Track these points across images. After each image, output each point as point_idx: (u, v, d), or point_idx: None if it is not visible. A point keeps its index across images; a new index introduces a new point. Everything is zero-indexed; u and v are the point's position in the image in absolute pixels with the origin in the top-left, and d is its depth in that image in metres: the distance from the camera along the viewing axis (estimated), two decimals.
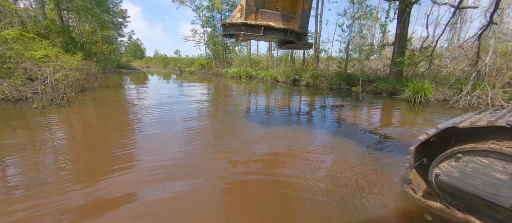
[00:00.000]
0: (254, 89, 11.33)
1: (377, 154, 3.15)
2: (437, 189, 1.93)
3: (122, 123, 4.56)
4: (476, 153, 1.61)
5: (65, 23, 23.83)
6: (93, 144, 3.39)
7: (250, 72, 17.72)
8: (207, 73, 23.62)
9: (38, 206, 1.91)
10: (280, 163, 2.86)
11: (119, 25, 38.48)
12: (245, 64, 19.61)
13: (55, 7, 21.38)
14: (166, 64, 37.54)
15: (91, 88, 9.75)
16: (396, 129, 4.52)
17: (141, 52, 61.77)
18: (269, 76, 15.56)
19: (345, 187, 2.31)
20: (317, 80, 12.24)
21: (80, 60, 12.81)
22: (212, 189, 2.26)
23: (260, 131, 4.16)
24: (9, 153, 2.97)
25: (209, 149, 3.34)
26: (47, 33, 17.88)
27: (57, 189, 2.17)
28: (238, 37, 3.13)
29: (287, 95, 9.50)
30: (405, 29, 9.09)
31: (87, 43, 26.49)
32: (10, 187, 2.22)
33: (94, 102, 6.51)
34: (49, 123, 4.36)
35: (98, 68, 16.06)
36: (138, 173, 2.52)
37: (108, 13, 31.73)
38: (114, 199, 2.04)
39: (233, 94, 9.81)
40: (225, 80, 16.55)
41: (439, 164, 1.84)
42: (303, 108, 6.58)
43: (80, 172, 2.53)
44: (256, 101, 7.83)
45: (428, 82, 7.13)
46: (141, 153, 3.06)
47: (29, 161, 2.79)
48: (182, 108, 6.01)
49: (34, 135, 3.69)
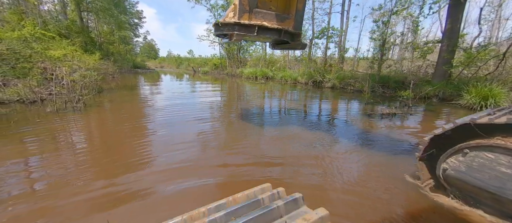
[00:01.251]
0: (276, 92, 10.47)
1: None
2: (444, 183, 1.97)
3: (138, 129, 3.96)
4: (482, 148, 1.66)
5: (85, 24, 24.46)
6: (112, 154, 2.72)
7: (267, 73, 16.88)
8: (221, 74, 23.10)
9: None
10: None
11: (135, 26, 39.27)
12: (261, 64, 18.80)
13: (76, 8, 21.89)
14: (179, 64, 37.74)
15: (108, 89, 9.39)
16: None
17: (155, 52, 63.01)
18: (288, 77, 14.62)
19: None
20: (343, 82, 11.14)
21: (97, 60, 12.68)
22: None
23: (315, 157, 3.29)
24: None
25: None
26: (68, 33, 18.19)
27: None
28: (231, 37, 3.02)
29: (314, 99, 8.54)
30: (458, 24, 7.80)
31: (105, 43, 27.01)
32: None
33: (110, 105, 6.00)
34: (62, 130, 3.80)
35: (115, 68, 15.99)
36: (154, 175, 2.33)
37: (125, 14, 32.34)
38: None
39: (252, 96, 9.02)
40: (240, 81, 15.85)
41: (447, 159, 1.89)
42: (344, 116, 5.60)
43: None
44: (284, 106, 6.97)
45: (497, 86, 5.87)
46: (156, 159, 2.84)
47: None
48: (196, 117, 5.30)
49: (28, 149, 3.09)
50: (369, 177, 2.48)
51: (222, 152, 3.14)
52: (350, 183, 2.33)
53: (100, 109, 5.39)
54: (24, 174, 2.43)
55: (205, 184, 2.28)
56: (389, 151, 3.21)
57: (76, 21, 22.00)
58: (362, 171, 2.65)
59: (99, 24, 28.34)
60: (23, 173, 2.46)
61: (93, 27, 27.98)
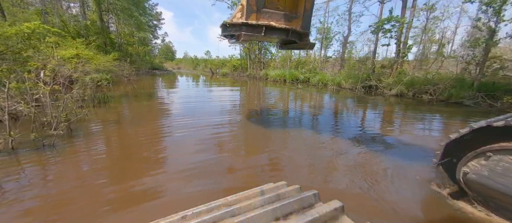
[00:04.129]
0: (325, 101, 8.05)
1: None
2: (465, 187, 1.90)
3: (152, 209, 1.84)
4: (507, 152, 1.58)
5: (105, 25, 24.11)
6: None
7: (297, 75, 14.47)
8: (242, 76, 21.14)
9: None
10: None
11: (154, 28, 39.34)
12: (290, 65, 16.41)
13: (97, 8, 21.41)
14: (196, 66, 36.91)
15: (119, 96, 7.65)
16: None
17: (172, 54, 63.93)
18: (328, 81, 12.06)
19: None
20: (414, 88, 8.37)
21: (112, 61, 11.27)
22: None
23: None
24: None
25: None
26: (86, 34, 17.42)
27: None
28: (239, 37, 2.99)
29: (398, 116, 5.99)
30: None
31: (124, 44, 26.56)
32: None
33: (110, 131, 3.93)
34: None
35: (132, 69, 14.65)
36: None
37: (145, 15, 32.09)
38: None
39: (302, 106, 6.68)
40: (265, 84, 13.62)
41: (468, 162, 1.82)
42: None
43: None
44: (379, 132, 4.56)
45: None
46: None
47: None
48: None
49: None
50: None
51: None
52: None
53: (89, 144, 3.15)
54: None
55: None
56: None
57: (96, 22, 21.49)
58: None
59: (119, 25, 28.15)
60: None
61: (114, 30, 27.82)
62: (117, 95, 7.68)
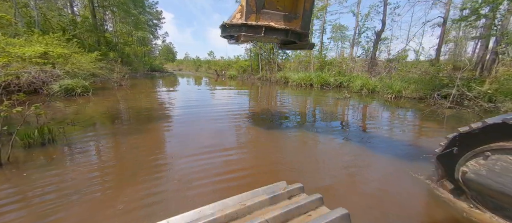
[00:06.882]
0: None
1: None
2: (463, 186, 1.89)
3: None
4: (505, 151, 1.57)
5: (100, 22, 21.67)
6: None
7: (328, 79, 11.88)
8: (252, 78, 18.60)
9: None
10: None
11: (154, 27, 37.00)
12: (315, 67, 13.80)
13: (88, 2, 18.93)
14: (198, 67, 34.57)
15: (87, 121, 4.98)
16: None
17: (172, 55, 62.22)
18: (379, 88, 9.40)
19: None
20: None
21: (95, 61, 8.67)
22: None
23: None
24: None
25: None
26: (73, 29, 14.85)
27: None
28: (238, 38, 3.06)
29: None
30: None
31: (121, 44, 24.04)
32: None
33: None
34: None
35: (125, 72, 12.01)
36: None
37: (144, 13, 29.72)
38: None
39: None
40: (283, 89, 11.03)
41: (467, 162, 1.81)
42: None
43: None
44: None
45: None
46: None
47: None
48: None
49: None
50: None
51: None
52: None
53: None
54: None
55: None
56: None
57: (89, 18, 19.00)
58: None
59: (116, 23, 25.72)
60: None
61: (112, 29, 25.39)
62: (87, 118, 4.61)
